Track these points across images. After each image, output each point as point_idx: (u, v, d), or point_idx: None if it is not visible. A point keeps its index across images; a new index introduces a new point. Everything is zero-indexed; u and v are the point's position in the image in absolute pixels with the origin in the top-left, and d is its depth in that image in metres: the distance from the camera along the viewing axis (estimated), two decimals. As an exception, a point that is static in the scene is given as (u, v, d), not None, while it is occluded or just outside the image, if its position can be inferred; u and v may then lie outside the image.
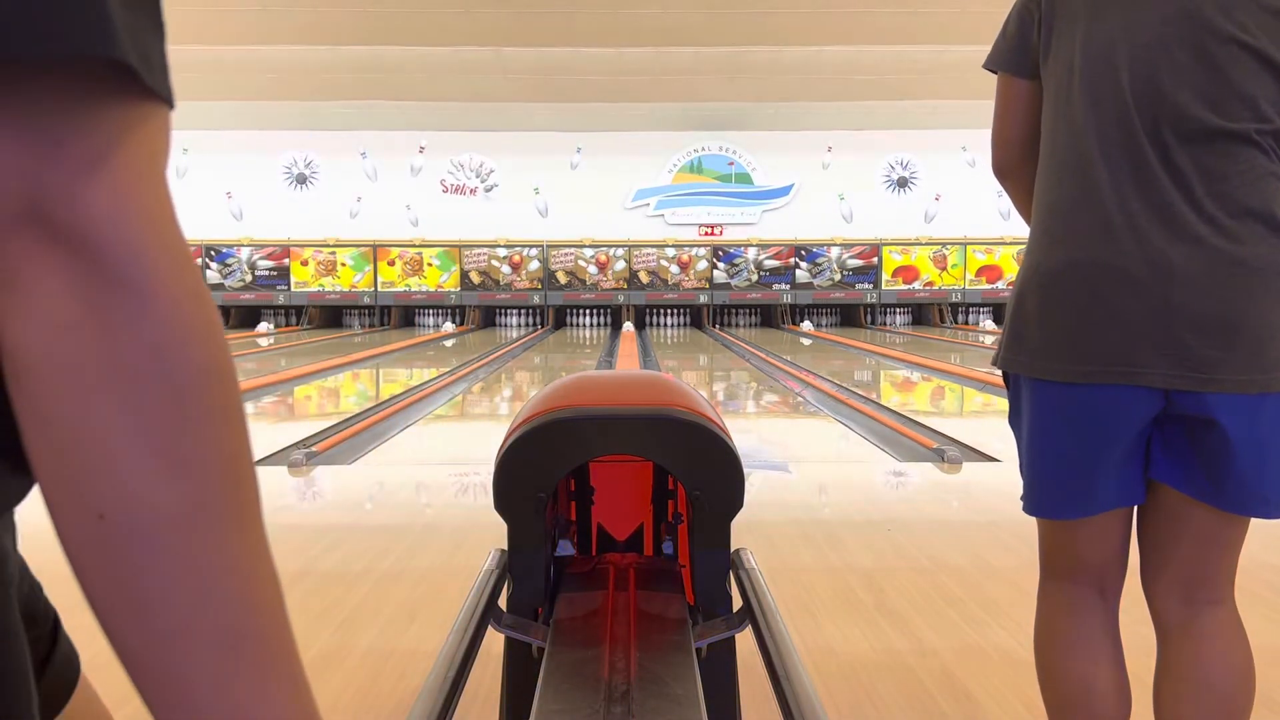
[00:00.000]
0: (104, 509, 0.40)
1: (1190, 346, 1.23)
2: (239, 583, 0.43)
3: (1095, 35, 1.28)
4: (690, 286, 16.37)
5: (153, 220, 0.40)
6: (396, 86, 13.68)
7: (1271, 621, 2.45)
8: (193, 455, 0.41)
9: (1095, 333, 1.28)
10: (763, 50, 11.88)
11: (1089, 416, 1.32)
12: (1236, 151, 1.23)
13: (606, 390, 1.39)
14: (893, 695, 2.04)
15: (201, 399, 0.41)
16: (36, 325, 0.38)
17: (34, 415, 0.39)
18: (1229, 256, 1.22)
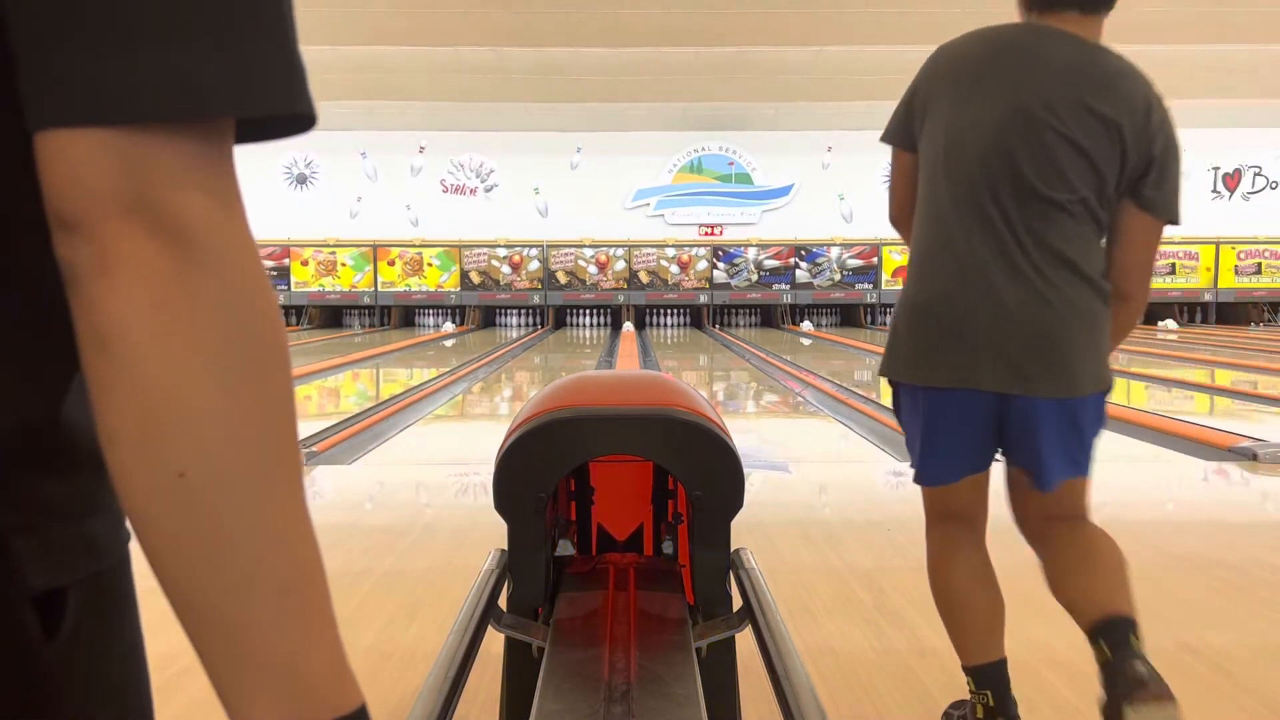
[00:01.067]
0: (185, 467, 0.44)
1: (1018, 364, 1.65)
2: (296, 535, 0.48)
3: (955, 123, 1.70)
4: (690, 286, 16.37)
5: (235, 216, 0.46)
6: (396, 86, 13.67)
7: (1272, 622, 2.44)
8: (266, 419, 0.46)
9: (948, 349, 1.69)
10: (763, 50, 11.88)
11: (945, 413, 1.74)
12: (1054, 215, 1.64)
13: (606, 390, 1.39)
14: (893, 695, 2.04)
15: (274, 370, 0.46)
16: (133, 303, 0.43)
17: (120, 382, 0.44)
18: (1046, 297, 1.63)
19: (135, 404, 0.44)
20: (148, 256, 0.43)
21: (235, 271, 0.45)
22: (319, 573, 0.50)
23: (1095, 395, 1.73)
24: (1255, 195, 17.17)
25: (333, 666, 0.49)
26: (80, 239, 0.43)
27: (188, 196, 0.44)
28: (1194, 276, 16.54)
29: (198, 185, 0.44)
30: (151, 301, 0.43)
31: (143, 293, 0.43)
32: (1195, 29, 11.04)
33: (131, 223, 0.43)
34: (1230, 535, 3.27)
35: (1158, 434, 5.24)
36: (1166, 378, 8.58)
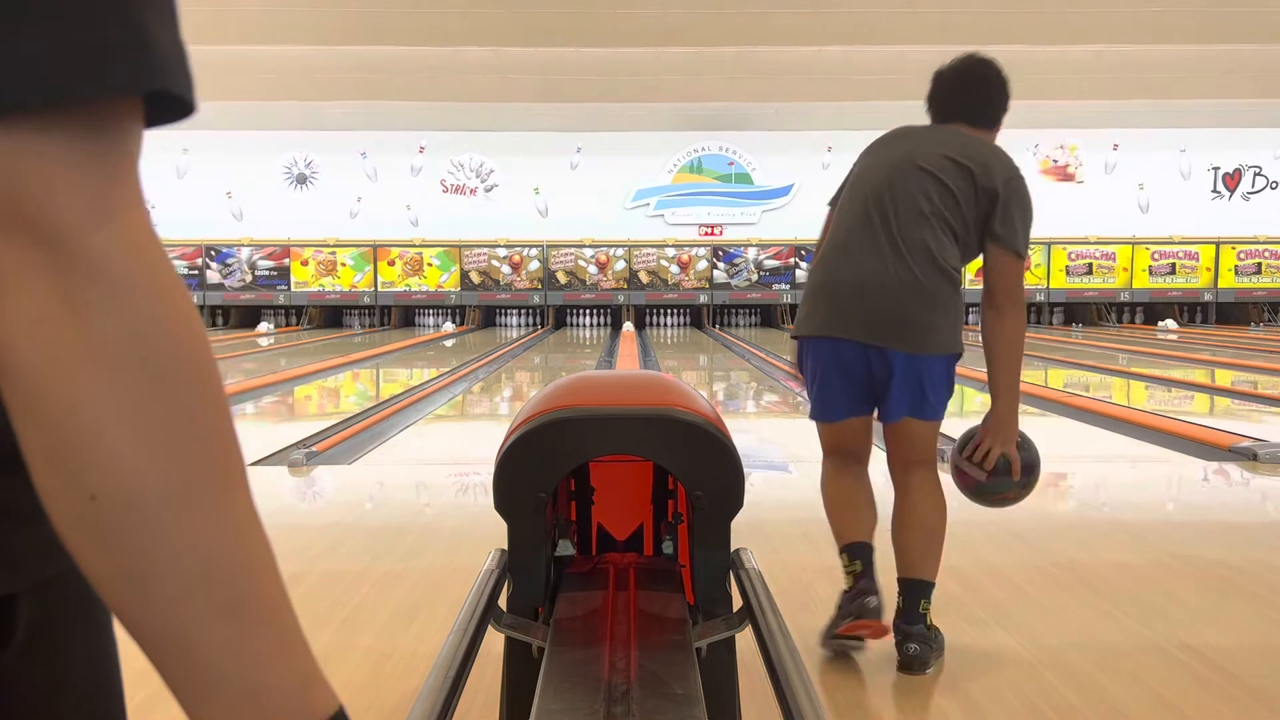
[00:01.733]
0: (95, 490, 0.41)
1: (877, 325, 2.25)
2: (233, 551, 0.44)
3: (861, 172, 2.42)
4: (690, 286, 16.37)
5: (126, 218, 0.42)
6: (396, 86, 13.67)
7: (1272, 622, 2.45)
8: (176, 435, 0.42)
9: (832, 312, 2.31)
10: (763, 50, 11.88)
11: (826, 358, 2.33)
12: (920, 223, 2.26)
13: (606, 390, 1.39)
14: (893, 696, 2.04)
15: (179, 381, 0.43)
16: (17, 319, 0.40)
17: (22, 404, 0.41)
18: (903, 280, 2.23)
19: (37, 426, 0.41)
20: (23, 269, 0.40)
21: (126, 276, 0.41)
22: (269, 583, 0.46)
23: (941, 357, 2.28)
24: (1255, 195, 17.17)
25: (296, 680, 0.47)
26: None
27: (64, 198, 0.40)
28: (1194, 276, 16.54)
29: (75, 184, 0.40)
30: (31, 317, 0.40)
31: (21, 308, 0.40)
32: (1195, 29, 11.04)
33: (9, 237, 0.40)
34: (1230, 535, 3.27)
35: (1158, 434, 5.24)
36: (1166, 378, 8.58)
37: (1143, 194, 17.02)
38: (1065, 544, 3.14)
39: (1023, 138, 16.87)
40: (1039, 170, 17.18)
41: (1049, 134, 16.93)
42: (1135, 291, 16.57)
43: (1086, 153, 17.11)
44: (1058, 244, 16.53)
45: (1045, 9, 10.68)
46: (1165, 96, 14.50)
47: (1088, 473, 4.50)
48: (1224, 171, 17.09)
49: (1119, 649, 2.25)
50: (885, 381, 2.29)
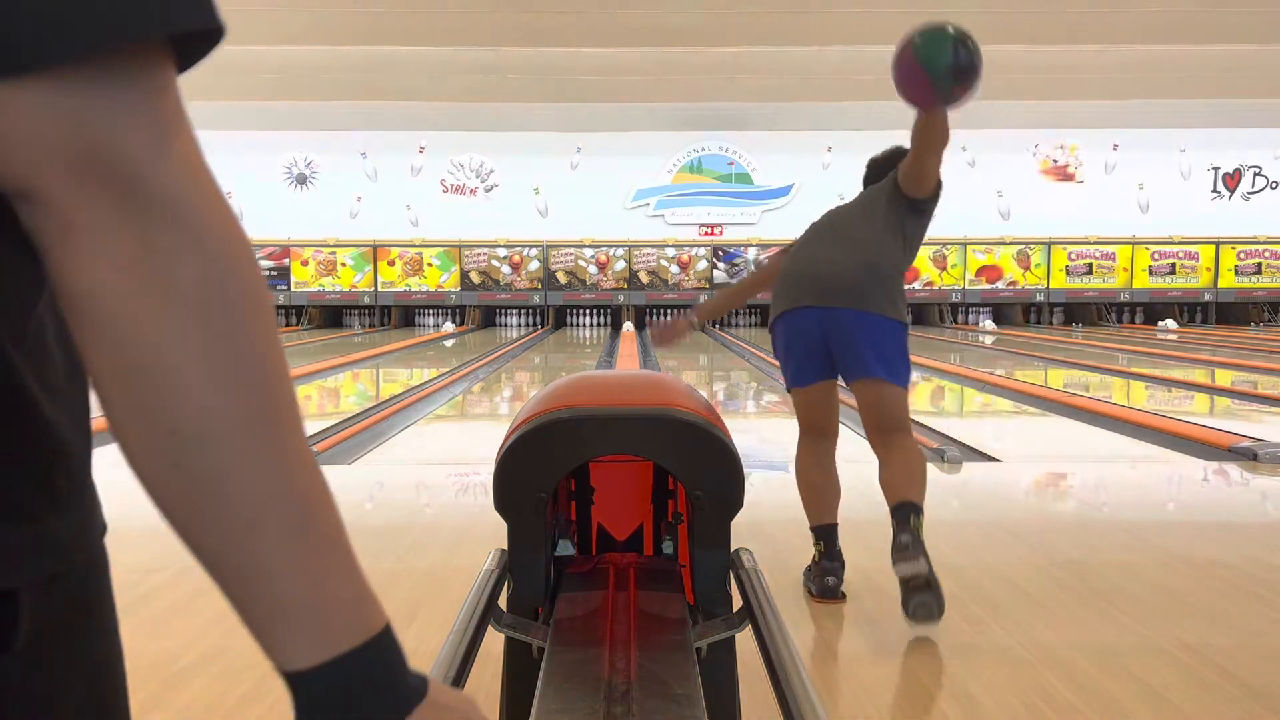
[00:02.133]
0: (175, 425, 0.44)
1: (826, 292, 2.62)
2: (299, 476, 0.48)
3: (810, 227, 2.96)
4: (690, 286, 16.37)
5: (190, 164, 0.45)
6: (396, 86, 13.67)
7: (1272, 622, 2.45)
8: (248, 368, 0.46)
9: (788, 293, 2.70)
10: (763, 50, 11.88)
11: (791, 328, 2.68)
12: (864, 225, 2.78)
13: (606, 390, 1.39)
14: (893, 695, 2.04)
15: (249, 317, 0.46)
16: (97, 265, 0.43)
17: (103, 346, 0.44)
18: (848, 259, 2.67)
19: (118, 366, 0.44)
20: (105, 218, 0.42)
21: (199, 223, 0.44)
22: (328, 507, 0.50)
23: (887, 319, 2.61)
24: (1255, 195, 17.17)
25: (353, 595, 0.50)
26: (37, 208, 0.42)
27: (135, 148, 0.42)
28: (1194, 276, 16.54)
29: (143, 132, 0.43)
30: (118, 262, 0.43)
31: (105, 255, 0.42)
32: (1195, 29, 11.04)
33: (83, 184, 0.42)
34: (1230, 535, 3.27)
35: (1158, 434, 5.24)
36: (1166, 378, 8.58)
37: (1143, 194, 17.02)
38: (1065, 544, 3.14)
39: (1023, 138, 16.89)
40: (1039, 170, 17.18)
41: (1049, 134, 16.94)
42: (1135, 291, 16.57)
43: (1086, 153, 17.10)
44: (1058, 244, 16.54)
45: (1045, 9, 10.68)
46: (1165, 96, 14.50)
47: (1088, 473, 4.50)
48: (1224, 171, 17.09)
49: (1119, 649, 2.25)
50: (840, 342, 2.62)
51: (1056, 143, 17.08)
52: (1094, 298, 16.65)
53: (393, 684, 0.52)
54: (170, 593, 2.57)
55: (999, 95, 14.27)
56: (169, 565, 2.81)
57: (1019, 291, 16.62)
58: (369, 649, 0.51)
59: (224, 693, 1.97)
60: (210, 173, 0.46)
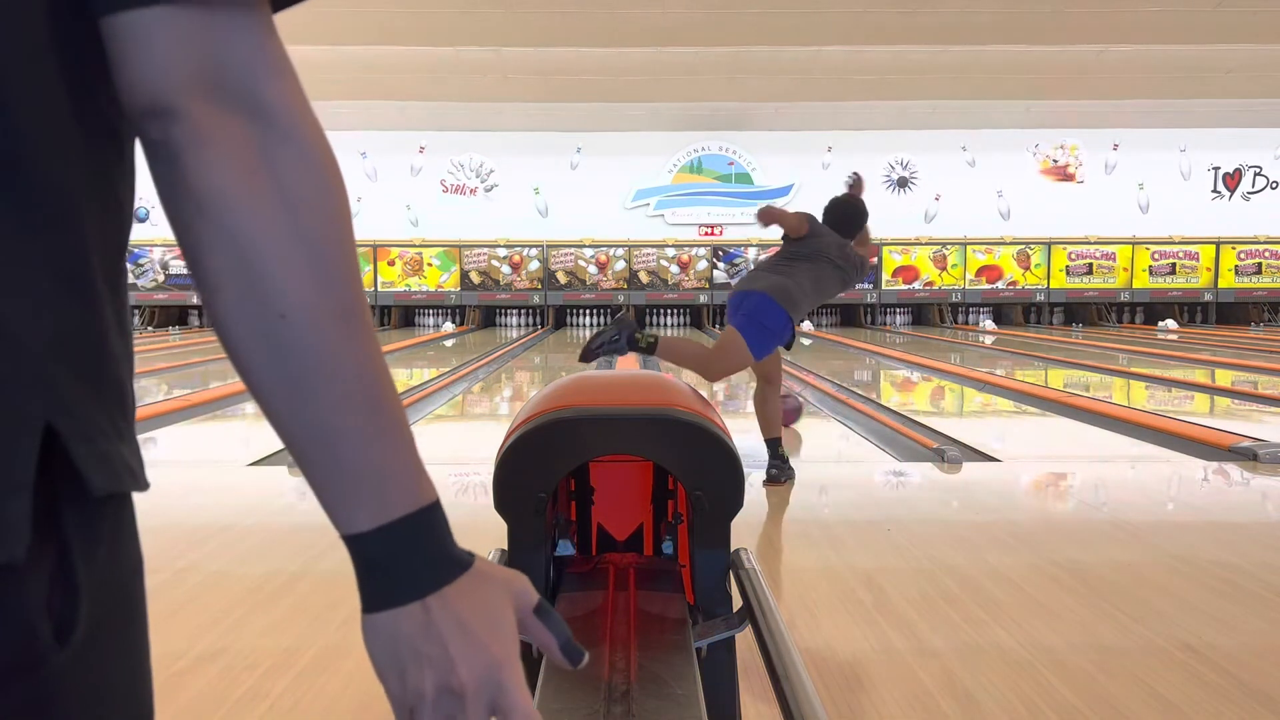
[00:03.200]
0: (286, 310, 0.51)
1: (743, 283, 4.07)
2: (375, 363, 0.55)
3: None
4: (690, 286, 16.37)
5: (297, 89, 0.53)
6: (396, 86, 13.67)
7: (1272, 622, 2.45)
8: (346, 267, 0.53)
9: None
10: (763, 50, 11.88)
11: (786, 328, 3.87)
12: (826, 271, 4.00)
13: (606, 390, 1.39)
14: (893, 695, 2.04)
15: (343, 223, 0.54)
16: (228, 170, 0.50)
17: (225, 240, 0.51)
18: (776, 283, 3.85)
19: (237, 258, 0.50)
20: (235, 131, 0.50)
21: (307, 138, 0.53)
22: (394, 389, 0.56)
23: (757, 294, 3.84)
24: (1255, 195, 17.17)
25: (413, 469, 0.57)
26: (172, 121, 0.49)
27: (260, 74, 0.51)
28: (1194, 276, 16.54)
29: (264, 62, 0.51)
30: (243, 169, 0.50)
31: (236, 163, 0.50)
32: (1195, 29, 11.04)
33: (217, 102, 0.50)
34: (1230, 535, 3.27)
35: (1158, 434, 5.24)
36: (1166, 378, 8.58)
37: (1143, 194, 17.02)
38: (1065, 544, 3.14)
39: (1023, 138, 16.88)
40: (1039, 170, 17.18)
41: (1049, 134, 16.93)
42: (1135, 291, 16.57)
43: (1086, 153, 17.10)
44: (1058, 244, 16.54)
45: (1045, 9, 10.67)
46: (1165, 96, 14.50)
47: (1088, 473, 4.50)
48: (1224, 171, 17.09)
49: (1119, 649, 2.26)
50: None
51: (1056, 143, 17.07)
52: (1094, 298, 16.65)
53: (441, 550, 0.59)
54: (170, 593, 2.57)
55: (999, 95, 14.29)
56: (169, 565, 2.82)
57: (1019, 291, 16.62)
58: (421, 516, 0.57)
59: (224, 693, 1.97)
60: (308, 102, 0.54)
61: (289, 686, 2.01)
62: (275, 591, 2.62)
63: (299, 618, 2.42)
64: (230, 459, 4.75)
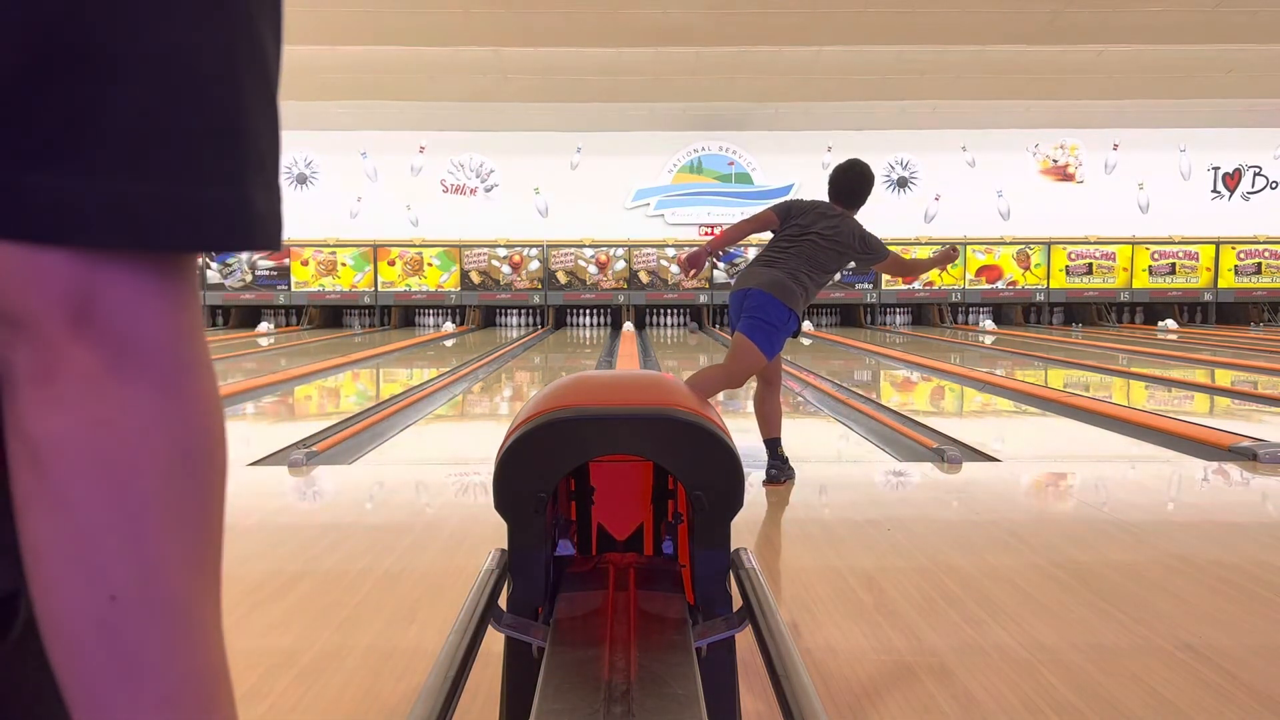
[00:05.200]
0: (118, 591, 0.43)
1: (744, 281, 4.03)
2: (217, 655, 0.47)
3: (797, 227, 4.06)
4: (690, 286, 16.37)
5: (191, 334, 0.45)
6: (396, 86, 13.67)
7: (1272, 622, 2.45)
8: (207, 545, 0.46)
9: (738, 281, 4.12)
10: (763, 50, 11.88)
11: (733, 303, 4.06)
12: (820, 259, 3.98)
13: (606, 390, 1.39)
14: (893, 695, 2.04)
15: (216, 496, 0.46)
16: (73, 418, 0.41)
17: (55, 500, 0.42)
18: (768, 277, 3.93)
19: (68, 525, 0.42)
20: (93, 369, 0.41)
21: (183, 393, 0.44)
22: (229, 684, 0.49)
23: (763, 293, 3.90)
24: (1255, 195, 17.17)
25: None
26: (22, 337, 0.41)
27: (141, 314, 0.42)
28: (1194, 276, 16.54)
29: (153, 304, 0.43)
30: (93, 418, 0.42)
31: (84, 407, 0.41)
32: (1195, 29, 11.04)
33: (79, 330, 0.41)
34: (1230, 535, 3.27)
35: (1158, 434, 5.24)
36: (1166, 378, 8.58)
37: (1143, 194, 17.02)
38: (1065, 544, 3.14)
39: (1023, 138, 16.89)
40: (1039, 170, 17.18)
41: (1049, 134, 16.94)
42: (1135, 291, 16.57)
43: (1086, 153, 17.10)
44: (1058, 244, 16.54)
45: (1045, 9, 10.67)
46: (1165, 96, 14.50)
47: (1088, 473, 4.50)
48: (1224, 171, 17.09)
49: (1119, 649, 2.26)
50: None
51: (1056, 143, 17.07)
52: (1094, 298, 16.65)
53: None
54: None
55: (999, 95, 14.29)
56: (169, 565, 2.81)
57: (1019, 291, 16.62)
58: None
59: (224, 693, 1.97)
60: (207, 347, 0.46)
61: (289, 686, 2.01)
62: (275, 591, 2.62)
63: (299, 618, 2.42)
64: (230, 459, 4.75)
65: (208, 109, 0.42)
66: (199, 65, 0.42)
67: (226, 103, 0.43)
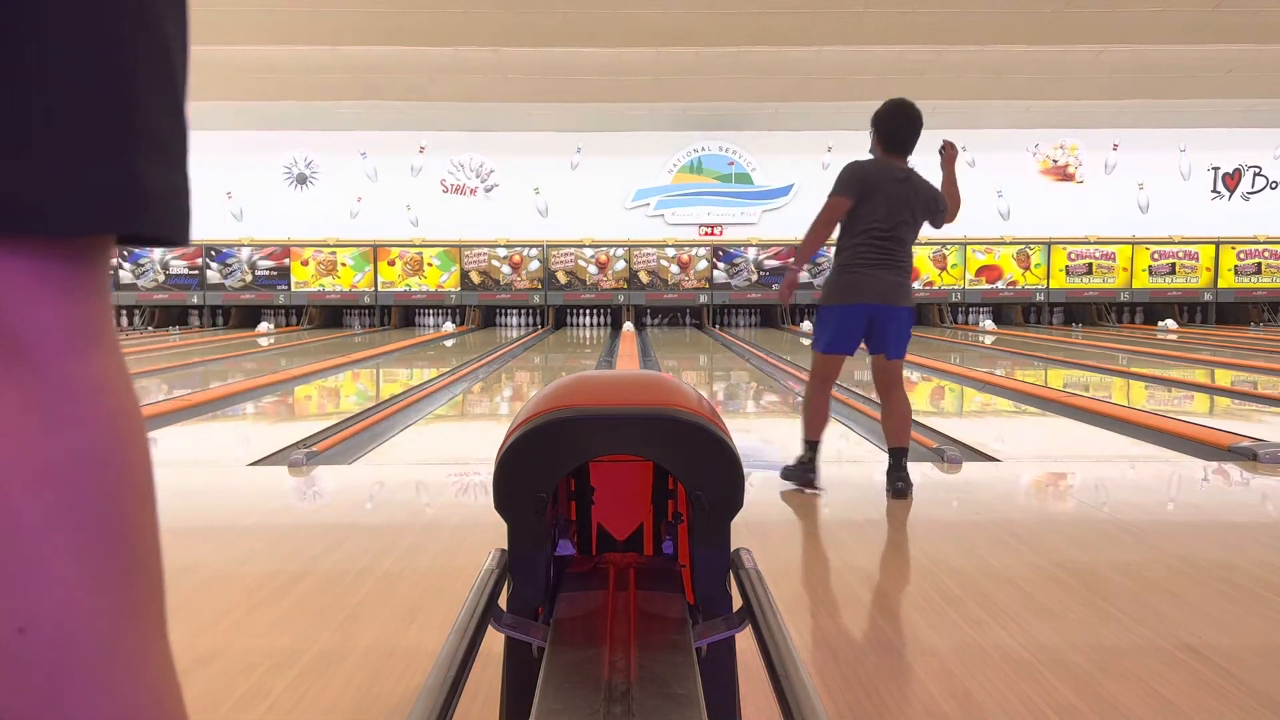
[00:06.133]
0: (25, 622, 0.38)
1: (883, 295, 3.68)
2: (153, 692, 0.42)
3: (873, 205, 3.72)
4: (690, 286, 16.37)
5: (98, 337, 0.40)
6: (396, 86, 13.67)
7: (1272, 622, 2.45)
8: (120, 566, 0.40)
9: (856, 293, 3.74)
10: (763, 50, 11.88)
11: (848, 317, 3.72)
12: (907, 237, 3.75)
13: (606, 390, 1.39)
14: (893, 695, 2.04)
15: (131, 509, 0.41)
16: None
17: None
18: (907, 289, 3.77)
19: None
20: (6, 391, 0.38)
21: (86, 400, 0.39)
22: (169, 709, 0.44)
23: (910, 310, 3.77)
24: (1255, 195, 17.17)
25: None
26: None
27: (36, 311, 0.38)
28: (1194, 276, 16.54)
29: (50, 300, 0.39)
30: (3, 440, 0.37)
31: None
32: (1195, 29, 11.04)
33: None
34: (1230, 535, 3.27)
35: (1158, 434, 5.24)
36: (1166, 378, 8.58)
37: (1143, 194, 17.02)
38: (1065, 544, 3.14)
39: (1023, 138, 16.89)
40: (1039, 170, 17.18)
41: (1049, 134, 16.94)
42: (1135, 291, 16.57)
43: (1086, 153, 17.10)
44: (1057, 244, 16.54)
45: (1045, 9, 10.67)
46: (1165, 96, 14.49)
47: (1088, 473, 4.50)
48: (1224, 171, 17.09)
49: (1119, 649, 2.25)
50: (877, 331, 3.74)
51: (1056, 143, 17.07)
52: (1094, 298, 16.65)
53: None
54: (169, 593, 2.56)
55: (999, 95, 14.28)
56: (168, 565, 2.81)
57: (1019, 291, 16.62)
58: None
59: (224, 693, 1.97)
60: (119, 351, 0.42)
61: (289, 686, 2.01)
62: (275, 591, 2.62)
63: (299, 618, 2.42)
64: (230, 459, 4.75)
65: (99, 95, 0.39)
66: (93, 53, 0.39)
67: (119, 89, 0.39)
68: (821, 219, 3.71)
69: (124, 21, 0.39)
